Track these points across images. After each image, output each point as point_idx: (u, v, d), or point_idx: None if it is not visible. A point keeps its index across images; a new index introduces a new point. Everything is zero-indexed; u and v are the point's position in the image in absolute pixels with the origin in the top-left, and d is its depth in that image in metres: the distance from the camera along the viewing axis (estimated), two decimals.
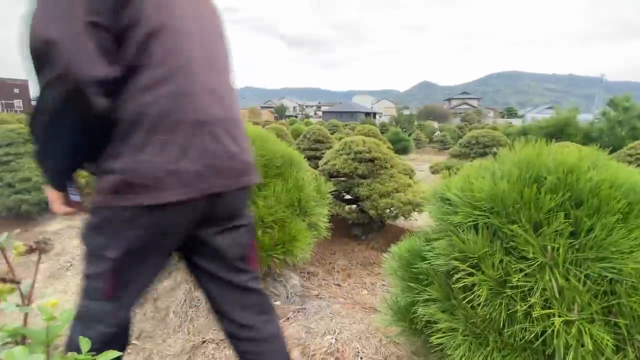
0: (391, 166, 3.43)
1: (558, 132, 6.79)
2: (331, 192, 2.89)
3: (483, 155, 5.88)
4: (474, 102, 73.65)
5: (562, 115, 6.86)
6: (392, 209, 3.14)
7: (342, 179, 3.52)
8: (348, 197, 3.84)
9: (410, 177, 3.64)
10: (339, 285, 2.94)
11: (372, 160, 3.37)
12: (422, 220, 4.51)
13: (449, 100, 78.85)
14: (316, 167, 4.07)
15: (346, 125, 21.80)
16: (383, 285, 3.00)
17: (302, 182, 2.60)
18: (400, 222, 4.15)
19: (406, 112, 43.57)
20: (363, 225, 3.62)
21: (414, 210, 3.18)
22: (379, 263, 3.37)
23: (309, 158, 7.42)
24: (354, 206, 3.70)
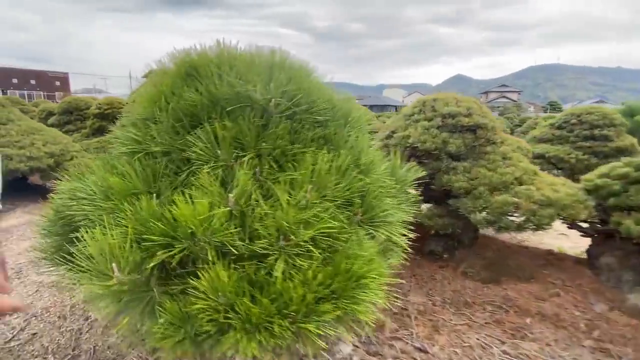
0: (501, 142, 2.05)
1: None
2: (418, 179, 1.57)
3: (589, 138, 4.33)
4: (514, 96, 69.34)
5: None
6: (516, 214, 1.77)
7: (420, 160, 2.18)
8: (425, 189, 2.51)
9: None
10: (426, 352, 1.64)
11: (472, 129, 2.02)
12: (543, 233, 3.07)
13: (486, 93, 74.71)
14: None
15: (379, 116, 20.22)
16: (505, 354, 1.66)
17: (369, 158, 1.29)
18: (491, 230, 2.75)
19: None
20: (447, 236, 2.27)
21: (558, 217, 1.79)
22: (482, 303, 2.02)
23: None
24: (432, 205, 2.37)
